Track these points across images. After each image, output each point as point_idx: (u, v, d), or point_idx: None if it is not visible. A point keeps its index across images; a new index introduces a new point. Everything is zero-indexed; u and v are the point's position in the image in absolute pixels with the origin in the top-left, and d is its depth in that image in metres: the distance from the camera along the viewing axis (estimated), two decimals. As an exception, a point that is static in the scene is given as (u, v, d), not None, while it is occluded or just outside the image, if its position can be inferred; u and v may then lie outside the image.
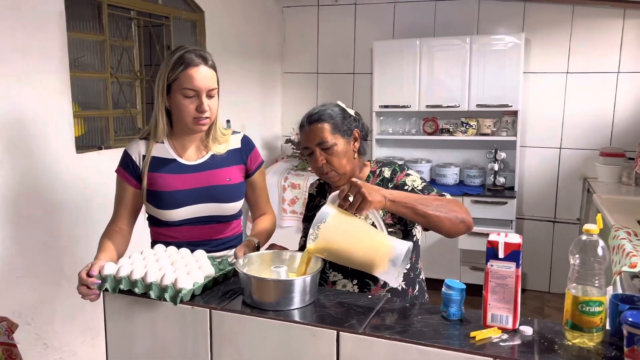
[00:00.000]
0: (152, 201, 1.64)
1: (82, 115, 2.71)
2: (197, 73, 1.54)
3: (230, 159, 1.70)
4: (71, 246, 2.58)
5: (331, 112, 1.58)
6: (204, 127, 1.61)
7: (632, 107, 3.65)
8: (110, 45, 2.82)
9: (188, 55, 1.55)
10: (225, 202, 1.66)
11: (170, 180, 1.63)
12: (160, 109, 1.61)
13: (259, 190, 1.79)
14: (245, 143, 1.76)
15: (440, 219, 1.41)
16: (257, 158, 1.77)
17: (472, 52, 3.73)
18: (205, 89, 1.56)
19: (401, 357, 1.13)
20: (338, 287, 1.58)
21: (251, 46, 4.05)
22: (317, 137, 1.55)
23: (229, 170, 1.68)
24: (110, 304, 1.41)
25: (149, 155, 1.64)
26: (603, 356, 1.06)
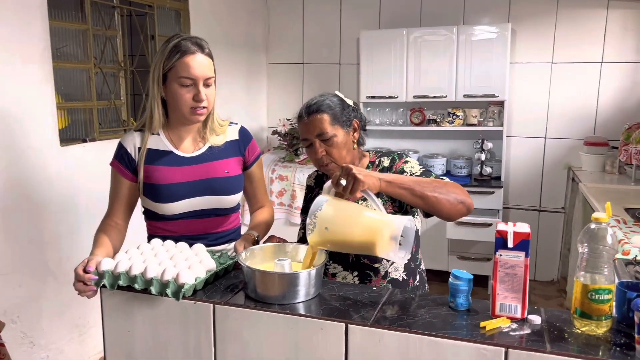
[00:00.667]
0: (149, 194, 1.60)
1: (66, 107, 2.63)
2: (194, 61, 1.50)
3: (228, 150, 1.67)
4: (56, 242, 2.51)
5: (330, 102, 1.55)
6: (201, 117, 1.57)
7: (615, 97, 3.70)
8: (93, 34, 2.74)
9: (184, 43, 1.51)
10: (224, 195, 1.63)
11: (167, 172, 1.59)
12: (156, 99, 1.56)
13: (257, 182, 1.76)
14: (243, 134, 1.72)
15: (439, 200, 1.40)
16: (255, 149, 1.74)
17: (459, 42, 3.73)
18: (202, 78, 1.52)
19: (412, 349, 1.12)
20: (338, 279, 1.56)
21: (236, 36, 3.99)
22: (316, 128, 1.52)
23: (227, 162, 1.65)
24: (108, 301, 1.37)
25: (145, 147, 1.59)
26: (613, 343, 1.06)
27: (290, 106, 4.35)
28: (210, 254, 1.46)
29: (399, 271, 1.56)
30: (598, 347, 1.05)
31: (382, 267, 1.54)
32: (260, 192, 1.78)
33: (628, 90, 3.67)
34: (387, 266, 1.54)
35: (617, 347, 1.04)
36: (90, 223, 2.71)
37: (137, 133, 1.63)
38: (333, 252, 1.55)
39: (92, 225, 2.69)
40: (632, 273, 1.72)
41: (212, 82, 1.56)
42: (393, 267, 1.55)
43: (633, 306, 1.02)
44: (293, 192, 3.78)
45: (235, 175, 1.66)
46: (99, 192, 2.73)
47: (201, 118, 1.58)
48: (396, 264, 1.55)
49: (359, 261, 1.54)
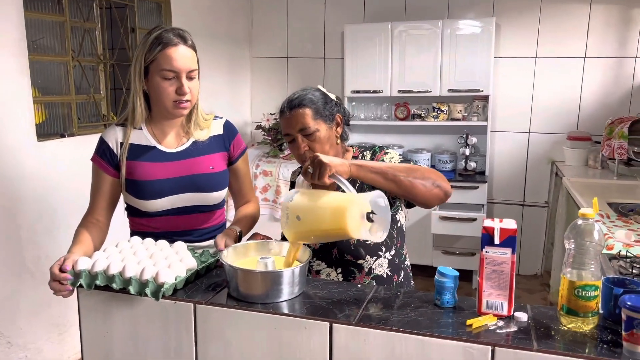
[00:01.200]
0: (131, 191, 1.55)
1: (43, 101, 2.56)
2: (176, 53, 1.46)
3: (212, 145, 1.63)
4: (34, 239, 2.45)
5: (312, 96, 1.52)
6: (184, 111, 1.53)
7: (598, 92, 3.73)
8: (71, 26, 2.67)
9: (166, 35, 1.47)
10: (209, 192, 1.60)
11: (150, 168, 1.55)
12: (138, 93, 1.52)
13: (242, 177, 1.72)
14: (228, 129, 1.68)
15: (414, 184, 1.36)
16: (240, 144, 1.70)
17: (444, 36, 3.71)
18: (185, 70, 1.48)
19: (398, 348, 1.10)
20: (322, 276, 1.54)
21: (218, 29, 3.93)
22: (298, 123, 1.49)
23: (211, 158, 1.61)
24: (85, 301, 1.32)
25: (127, 142, 1.55)
26: (600, 340, 1.05)
27: (274, 101, 4.30)
28: (191, 252, 1.42)
29: (383, 267, 1.54)
30: (585, 344, 1.04)
31: (366, 263, 1.52)
32: (246, 187, 1.74)
33: (611, 85, 3.70)
34: (371, 262, 1.52)
35: (604, 344, 1.04)
36: (69, 220, 2.65)
37: (119, 127, 1.58)
38: (317, 249, 1.53)
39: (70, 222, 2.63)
40: (617, 268, 1.72)
41: (195, 74, 1.52)
42: (377, 263, 1.53)
43: (620, 303, 1.01)
44: (277, 188, 3.75)
45: (220, 171, 1.62)
46: (78, 189, 2.68)
47: (184, 112, 1.54)
48: (380, 261, 1.53)
49: (342, 257, 1.52)
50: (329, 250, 1.53)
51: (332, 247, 1.52)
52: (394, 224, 1.55)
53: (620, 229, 2.12)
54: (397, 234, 1.56)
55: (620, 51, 3.64)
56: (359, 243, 1.50)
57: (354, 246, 1.50)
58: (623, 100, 3.69)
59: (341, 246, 1.51)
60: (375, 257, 1.52)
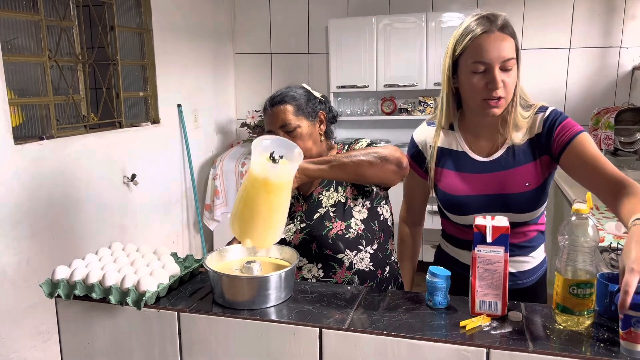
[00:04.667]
0: (439, 197, 1.48)
1: (19, 103, 2.48)
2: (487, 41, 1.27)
3: (529, 151, 1.36)
4: (13, 246, 2.37)
5: (294, 93, 1.52)
6: (497, 109, 1.30)
7: (583, 82, 3.72)
8: (47, 25, 2.58)
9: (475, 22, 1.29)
10: (522, 213, 1.37)
11: (457, 180, 1.40)
12: (445, 90, 1.37)
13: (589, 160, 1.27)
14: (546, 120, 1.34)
15: (358, 163, 1.33)
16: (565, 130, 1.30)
17: (429, 29, 3.68)
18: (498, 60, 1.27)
19: (390, 353, 1.06)
20: (304, 272, 1.51)
21: (200, 26, 3.86)
22: (279, 119, 1.48)
23: (527, 169, 1.35)
24: (64, 312, 1.27)
25: (435, 145, 1.44)
26: (596, 339, 1.03)
27: (259, 97, 4.24)
28: (174, 257, 1.37)
29: (365, 262, 1.51)
30: (581, 343, 1.02)
31: (346, 257, 1.49)
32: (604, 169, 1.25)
33: (596, 76, 3.70)
34: (352, 257, 1.50)
35: (601, 343, 1.01)
36: (50, 224, 2.60)
37: (432, 126, 1.48)
38: (297, 245, 1.50)
39: (51, 226, 2.58)
40: (608, 261, 1.70)
41: (512, 65, 1.29)
42: (358, 257, 1.50)
43: (617, 301, 0.98)
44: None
45: (538, 187, 1.35)
46: (58, 192, 2.61)
47: (497, 111, 1.31)
48: (361, 255, 1.50)
49: (321, 252, 1.49)
50: (309, 245, 1.51)
51: (311, 242, 1.50)
52: (375, 217, 1.53)
53: (610, 220, 2.11)
54: (379, 227, 1.54)
55: (605, 41, 3.64)
56: (337, 237, 1.48)
57: (332, 240, 1.47)
58: (608, 90, 3.69)
59: (320, 241, 1.49)
60: (355, 251, 1.50)
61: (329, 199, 1.52)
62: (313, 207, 1.53)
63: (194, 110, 3.79)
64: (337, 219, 1.49)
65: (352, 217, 1.50)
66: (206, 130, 3.99)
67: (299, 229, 1.52)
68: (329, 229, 1.48)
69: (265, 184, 1.20)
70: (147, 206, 3.31)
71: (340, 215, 1.49)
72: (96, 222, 2.86)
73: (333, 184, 1.53)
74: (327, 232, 1.47)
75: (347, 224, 1.49)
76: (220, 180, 3.74)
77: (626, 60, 3.63)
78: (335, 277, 1.49)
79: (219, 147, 4.16)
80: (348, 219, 1.49)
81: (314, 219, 1.51)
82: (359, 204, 1.51)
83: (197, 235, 3.89)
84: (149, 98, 3.37)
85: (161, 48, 3.35)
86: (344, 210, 1.50)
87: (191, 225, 3.82)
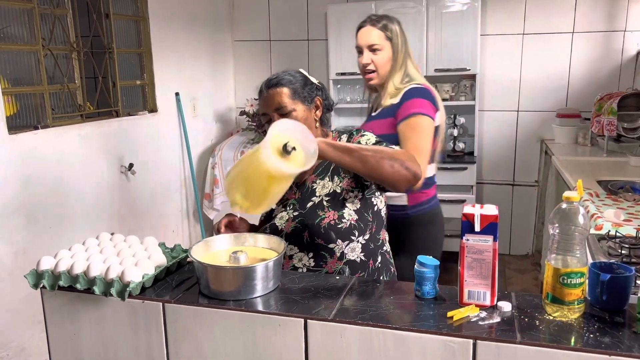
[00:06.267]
0: None
1: (13, 92, 2.46)
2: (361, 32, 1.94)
3: (388, 112, 1.87)
4: (9, 235, 2.37)
5: (291, 77, 1.49)
6: (371, 81, 1.93)
7: (587, 68, 3.66)
8: (40, 13, 2.55)
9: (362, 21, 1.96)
10: None
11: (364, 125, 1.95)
12: None
13: (401, 140, 1.81)
14: (404, 96, 1.86)
15: (380, 163, 1.31)
16: (406, 110, 1.83)
17: (429, 15, 3.62)
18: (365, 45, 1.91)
19: (375, 344, 1.05)
20: (295, 261, 1.49)
21: (198, 13, 3.81)
22: (274, 102, 1.46)
23: (379, 123, 1.87)
24: (49, 303, 1.27)
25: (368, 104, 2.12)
26: (586, 330, 1.00)
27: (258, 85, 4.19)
28: (162, 247, 1.36)
29: (356, 252, 1.49)
30: (570, 334, 0.99)
31: (338, 247, 1.47)
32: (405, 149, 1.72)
33: (599, 61, 3.63)
34: (343, 247, 1.47)
35: (591, 334, 0.99)
36: (46, 214, 2.59)
37: None
38: (289, 233, 1.47)
39: (47, 216, 2.57)
40: (605, 249, 1.67)
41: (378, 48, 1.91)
42: (349, 247, 1.48)
43: None
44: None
45: (382, 135, 1.65)
46: (54, 181, 2.60)
47: (372, 82, 1.93)
48: (352, 245, 1.48)
49: (313, 241, 1.47)
50: (300, 234, 1.48)
51: (303, 231, 1.48)
52: (369, 207, 1.51)
53: (610, 207, 2.08)
54: (372, 217, 1.51)
55: (609, 25, 3.57)
56: (330, 227, 1.45)
57: (325, 230, 1.45)
58: (612, 76, 3.62)
59: (312, 230, 1.46)
60: (347, 241, 1.47)
61: (324, 188, 1.49)
62: (307, 195, 1.50)
63: (193, 98, 3.76)
64: (330, 208, 1.46)
65: (346, 207, 1.47)
66: (205, 119, 3.97)
67: (291, 217, 1.50)
68: (322, 218, 1.45)
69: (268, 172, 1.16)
70: (146, 196, 3.30)
71: (333, 205, 1.47)
72: (94, 212, 2.86)
73: (329, 173, 1.51)
74: (320, 222, 1.45)
75: (340, 214, 1.46)
76: (219, 169, 3.72)
77: (631, 44, 3.56)
78: (326, 267, 1.47)
79: (218, 135, 4.13)
80: (341, 209, 1.47)
81: (307, 208, 1.48)
82: (353, 195, 1.49)
83: (197, 224, 3.88)
84: (146, 86, 3.35)
85: (158, 36, 3.31)
86: (337, 200, 1.47)
87: (191, 215, 3.81)
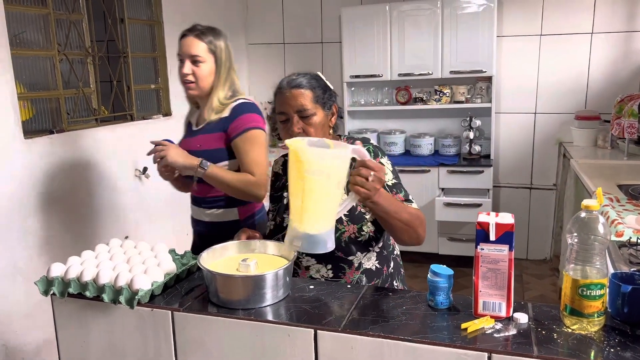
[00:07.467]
0: None
1: (29, 97, 2.48)
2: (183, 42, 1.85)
3: (216, 126, 1.84)
4: (25, 239, 2.39)
5: (314, 81, 1.49)
6: (190, 91, 1.84)
7: (607, 69, 3.58)
8: (56, 19, 2.58)
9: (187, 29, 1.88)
10: None
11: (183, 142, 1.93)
12: None
13: (240, 155, 1.82)
14: (234, 111, 1.84)
15: (402, 230, 1.39)
16: (241, 125, 1.81)
17: (444, 16, 3.58)
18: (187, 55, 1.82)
19: (387, 356, 1.02)
20: (312, 273, 1.47)
21: (212, 17, 3.82)
22: (297, 103, 1.44)
23: (206, 138, 1.84)
24: (59, 310, 1.26)
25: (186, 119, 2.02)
26: (606, 344, 0.97)
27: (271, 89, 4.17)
28: (172, 254, 1.35)
29: (372, 260, 1.48)
30: (590, 348, 0.96)
31: (356, 259, 1.46)
32: (245, 164, 1.80)
33: (620, 62, 3.55)
34: (361, 257, 1.46)
35: (611, 349, 0.95)
36: (61, 218, 2.60)
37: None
38: None
39: (62, 220, 2.59)
40: (627, 256, 1.62)
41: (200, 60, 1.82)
42: (366, 257, 1.47)
43: None
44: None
45: (209, 149, 1.82)
46: (69, 185, 2.62)
47: (190, 92, 1.85)
48: (369, 255, 1.47)
49: (333, 254, 1.44)
50: None
51: None
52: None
53: (631, 213, 2.02)
54: None
55: (629, 25, 3.49)
56: (350, 240, 1.43)
57: (345, 243, 1.43)
58: (633, 77, 3.54)
59: None
60: (365, 252, 1.46)
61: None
62: None
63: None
64: (350, 222, 1.44)
65: (364, 219, 1.45)
66: (219, 122, 3.96)
67: None
68: (342, 232, 1.43)
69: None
70: (160, 199, 3.30)
71: (352, 218, 1.44)
72: (108, 216, 2.87)
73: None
74: (340, 236, 1.42)
75: (359, 227, 1.44)
76: (233, 172, 3.72)
77: (652, 45, 3.48)
78: (345, 278, 1.45)
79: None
80: (359, 222, 1.44)
81: None
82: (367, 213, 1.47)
83: (211, 227, 3.88)
84: (160, 90, 3.36)
85: (172, 40, 3.29)
86: (355, 214, 1.45)
87: (205, 218, 3.81)
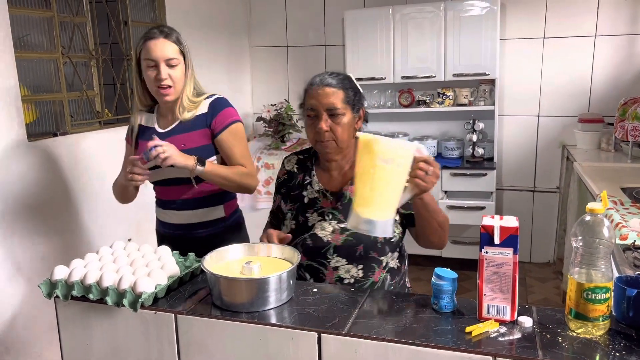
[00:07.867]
0: None
1: (33, 100, 2.49)
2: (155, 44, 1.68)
3: (195, 124, 1.77)
4: (27, 242, 2.39)
5: (347, 82, 1.49)
6: (167, 97, 1.70)
7: (610, 72, 3.58)
8: (60, 22, 2.58)
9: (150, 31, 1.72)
10: None
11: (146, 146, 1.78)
12: (136, 82, 1.78)
13: (228, 149, 1.77)
14: (212, 107, 1.79)
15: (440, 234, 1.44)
16: (225, 119, 1.78)
17: (447, 19, 3.58)
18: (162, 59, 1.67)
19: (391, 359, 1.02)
20: (340, 273, 1.46)
21: (215, 19, 3.83)
22: (329, 101, 1.44)
23: (188, 136, 1.76)
24: (62, 312, 1.26)
25: (137, 124, 1.84)
26: (612, 348, 0.96)
27: (275, 91, 4.21)
28: (175, 256, 1.35)
29: (395, 260, 1.52)
30: (595, 352, 0.95)
31: (386, 258, 1.49)
32: (235, 157, 1.77)
33: (623, 64, 3.55)
34: (388, 257, 1.49)
35: (617, 353, 0.94)
36: (64, 220, 2.61)
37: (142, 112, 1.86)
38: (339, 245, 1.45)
39: (66, 222, 2.59)
40: (631, 260, 1.61)
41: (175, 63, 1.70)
42: (392, 256, 1.50)
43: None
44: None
45: (197, 147, 1.75)
46: (73, 188, 2.62)
47: (167, 98, 1.70)
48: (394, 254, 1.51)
49: (367, 254, 1.45)
50: (354, 247, 1.45)
51: (358, 245, 1.45)
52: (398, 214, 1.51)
53: (635, 216, 2.01)
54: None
55: (633, 28, 3.48)
56: (386, 241, 1.45)
57: (381, 244, 1.45)
58: (636, 80, 3.53)
59: (368, 244, 1.45)
60: (394, 252, 1.50)
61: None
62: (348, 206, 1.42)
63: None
64: None
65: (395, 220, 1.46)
66: (222, 125, 3.97)
67: (337, 229, 1.46)
68: None
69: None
70: (163, 201, 3.31)
71: None
72: (111, 218, 2.87)
73: None
74: (376, 237, 1.40)
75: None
76: (236, 175, 3.72)
77: (656, 47, 3.48)
78: (373, 277, 1.47)
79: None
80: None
81: None
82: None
83: (214, 230, 3.88)
84: (163, 93, 3.36)
85: (175, 43, 3.33)
86: None
87: (207, 220, 3.81)
